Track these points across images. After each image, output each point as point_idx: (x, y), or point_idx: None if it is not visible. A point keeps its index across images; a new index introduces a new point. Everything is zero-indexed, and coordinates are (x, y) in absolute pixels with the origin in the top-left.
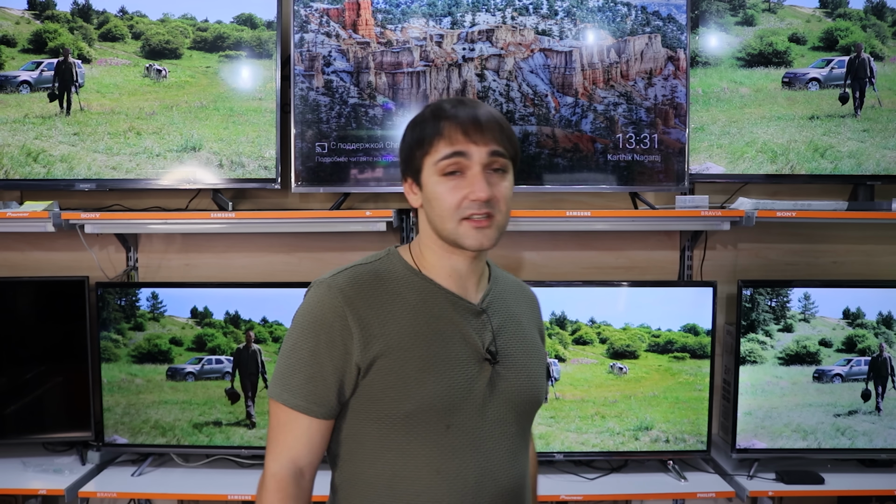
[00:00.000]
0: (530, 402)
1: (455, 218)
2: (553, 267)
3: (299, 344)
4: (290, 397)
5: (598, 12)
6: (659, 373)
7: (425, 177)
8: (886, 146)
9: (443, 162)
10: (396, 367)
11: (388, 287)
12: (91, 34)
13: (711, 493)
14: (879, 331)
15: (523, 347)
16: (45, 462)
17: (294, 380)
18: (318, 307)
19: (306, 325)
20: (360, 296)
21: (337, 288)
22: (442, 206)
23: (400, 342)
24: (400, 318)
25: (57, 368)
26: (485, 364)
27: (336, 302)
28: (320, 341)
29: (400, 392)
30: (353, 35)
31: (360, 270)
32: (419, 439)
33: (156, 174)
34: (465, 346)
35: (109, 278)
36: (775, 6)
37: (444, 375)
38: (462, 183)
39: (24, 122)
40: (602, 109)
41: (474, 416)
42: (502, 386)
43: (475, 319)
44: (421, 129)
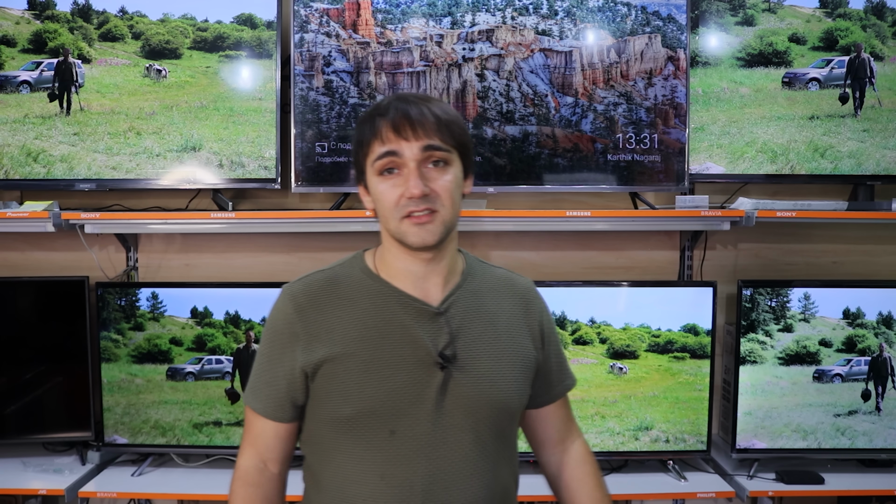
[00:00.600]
0: (493, 409)
1: (396, 216)
2: (553, 267)
3: (261, 350)
4: (252, 401)
5: (598, 12)
6: (659, 373)
7: (368, 178)
8: (886, 146)
9: (378, 162)
10: (340, 371)
11: (340, 292)
12: (91, 34)
13: (711, 493)
14: (879, 331)
15: (492, 350)
16: (45, 462)
17: (255, 384)
18: (273, 314)
19: (265, 333)
20: (311, 302)
21: (290, 295)
22: (383, 205)
23: (345, 346)
24: (347, 323)
25: (57, 368)
26: (435, 368)
27: (287, 309)
28: (274, 348)
29: (342, 396)
30: (353, 35)
31: (316, 277)
32: (363, 444)
33: (156, 174)
34: (414, 350)
35: (109, 278)
36: (775, 6)
37: (387, 379)
38: (399, 181)
39: (24, 122)
40: (602, 109)
41: (424, 422)
42: (457, 392)
43: (430, 322)
44: (360, 131)
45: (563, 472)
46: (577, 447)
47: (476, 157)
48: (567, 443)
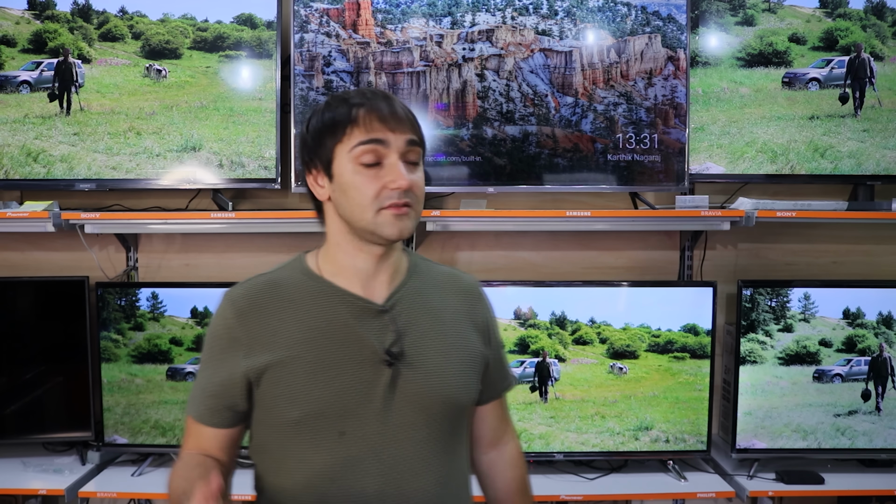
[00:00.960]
0: (444, 404)
1: (374, 208)
2: (553, 267)
3: (203, 356)
4: (193, 410)
5: (598, 12)
6: (659, 373)
7: (338, 166)
8: (886, 146)
9: (358, 149)
10: (286, 374)
11: (281, 295)
12: (91, 34)
13: (711, 493)
14: (879, 331)
15: (440, 346)
16: (45, 462)
17: (194, 391)
18: (214, 321)
19: (206, 339)
20: (252, 307)
21: (230, 300)
22: (360, 195)
23: (289, 350)
24: (290, 326)
25: (57, 368)
26: (383, 366)
27: (227, 314)
28: (213, 354)
29: (289, 399)
30: (353, 35)
31: (256, 281)
32: (313, 447)
33: (156, 174)
34: (360, 349)
35: (109, 278)
36: (775, 6)
37: (334, 380)
38: (380, 172)
39: (24, 122)
40: (602, 109)
41: (374, 421)
42: (407, 388)
43: (375, 320)
44: (331, 117)
45: (492, 473)
46: (511, 449)
47: (476, 157)
48: (500, 444)
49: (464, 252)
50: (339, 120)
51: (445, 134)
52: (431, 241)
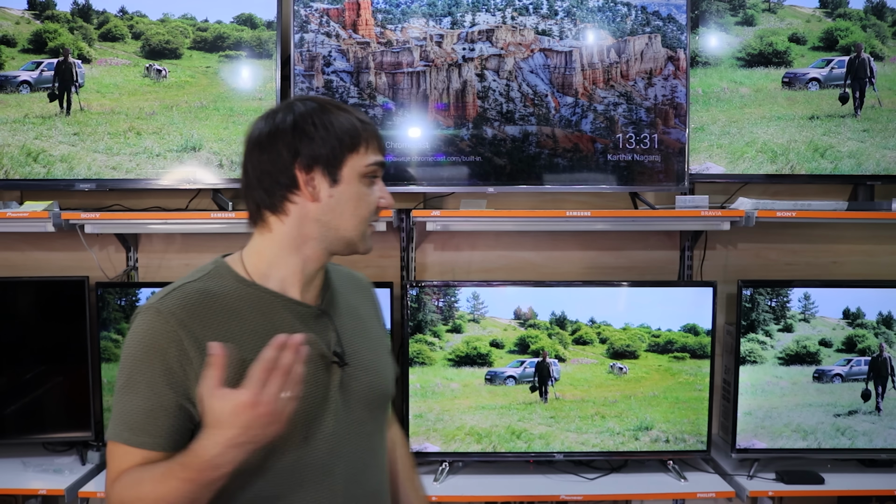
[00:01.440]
0: (382, 396)
1: (367, 222)
2: (553, 267)
3: (134, 377)
4: (132, 436)
5: (598, 12)
6: (659, 373)
7: (346, 175)
8: (886, 146)
9: (371, 167)
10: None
11: (220, 304)
12: (91, 34)
13: (711, 493)
14: (879, 331)
15: (368, 342)
16: (45, 462)
17: (135, 417)
18: (149, 335)
19: (139, 356)
20: (194, 318)
21: (168, 312)
22: (362, 208)
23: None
24: (239, 337)
25: (57, 368)
26: (333, 367)
27: (169, 327)
28: (156, 371)
29: None
30: (353, 35)
31: (188, 290)
32: (277, 456)
33: (156, 174)
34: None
35: (109, 278)
36: (775, 6)
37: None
38: (372, 189)
39: (24, 122)
40: (602, 109)
41: (331, 422)
42: (354, 386)
43: (316, 322)
44: (349, 126)
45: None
46: (396, 430)
47: (476, 157)
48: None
49: (464, 252)
50: (357, 133)
51: (445, 134)
52: (431, 240)
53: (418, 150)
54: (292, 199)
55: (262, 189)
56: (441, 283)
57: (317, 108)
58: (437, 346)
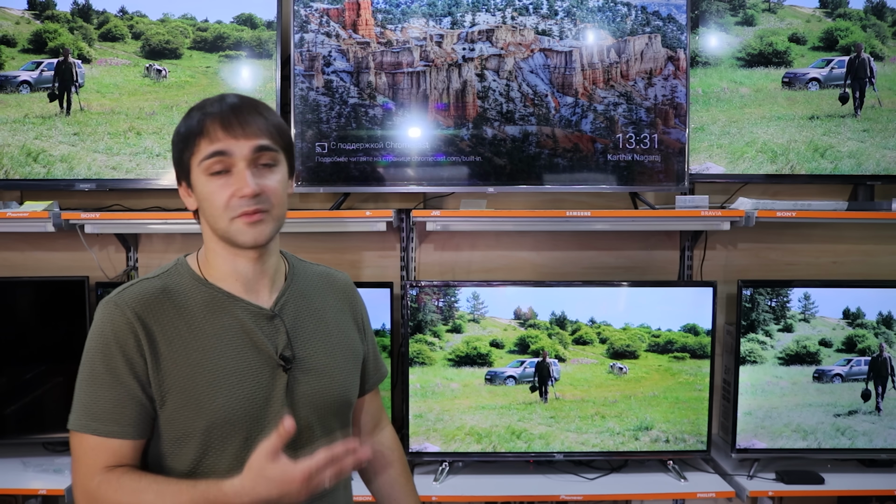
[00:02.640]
0: (336, 403)
1: (226, 217)
2: (553, 267)
3: (97, 368)
4: (100, 426)
5: (598, 12)
6: (659, 373)
7: (194, 177)
8: (886, 146)
9: (206, 162)
10: (188, 385)
11: (174, 301)
12: (91, 34)
13: (711, 493)
14: (879, 331)
15: (326, 346)
16: (45, 462)
17: (100, 406)
18: (109, 327)
19: (100, 348)
20: (149, 312)
21: (125, 305)
22: (212, 205)
23: (188, 359)
24: (186, 335)
25: (57, 368)
26: (279, 371)
27: (127, 318)
28: (118, 361)
29: (193, 410)
30: (353, 35)
31: (147, 286)
32: (216, 455)
33: (156, 174)
34: (256, 355)
35: (109, 278)
36: (775, 6)
37: (235, 388)
38: (230, 180)
39: (24, 122)
40: (602, 109)
41: (275, 424)
42: (301, 391)
43: (267, 324)
44: (186, 130)
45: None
46: (388, 433)
47: (476, 157)
48: (378, 430)
49: (464, 252)
50: (190, 132)
51: (445, 134)
52: (431, 240)
53: (418, 150)
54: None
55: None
56: (441, 283)
57: (179, 125)
58: (437, 346)
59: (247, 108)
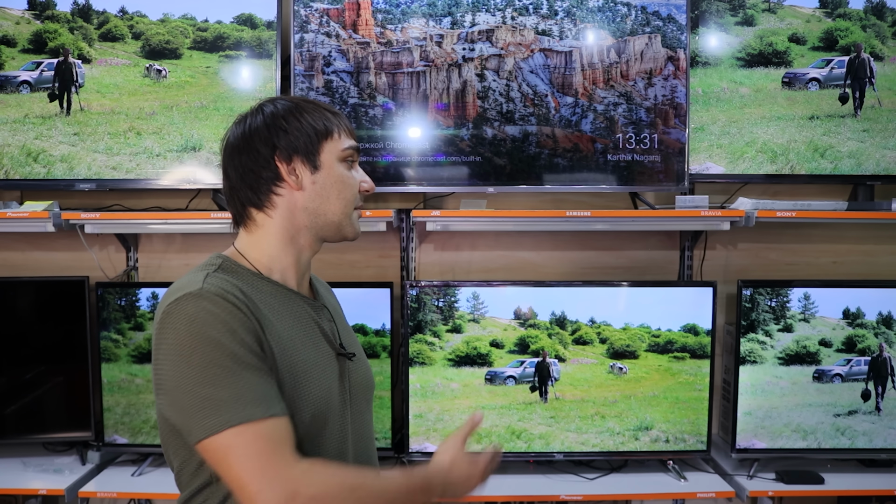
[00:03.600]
0: (372, 387)
1: (353, 204)
2: (553, 267)
3: (218, 361)
4: (265, 409)
5: (598, 12)
6: (659, 373)
7: (325, 160)
8: (886, 146)
9: (349, 151)
10: (288, 377)
11: (249, 295)
12: (91, 34)
13: (711, 493)
14: (879, 331)
15: (350, 335)
16: (45, 462)
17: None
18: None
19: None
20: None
21: (224, 291)
22: (347, 190)
23: (282, 349)
24: (275, 323)
25: (57, 368)
26: (341, 359)
27: (236, 300)
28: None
29: (302, 401)
30: (353, 35)
31: (216, 278)
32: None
33: (156, 174)
34: (326, 345)
35: (109, 278)
36: (775, 6)
37: (321, 379)
38: (356, 175)
39: (24, 122)
40: (602, 109)
41: (343, 411)
42: (354, 378)
43: (322, 316)
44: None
45: None
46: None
47: (476, 157)
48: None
49: (464, 252)
50: (326, 120)
51: (445, 134)
52: (431, 240)
53: (418, 150)
54: (277, 191)
55: (248, 187)
56: (441, 283)
57: (287, 106)
58: (437, 346)
59: None
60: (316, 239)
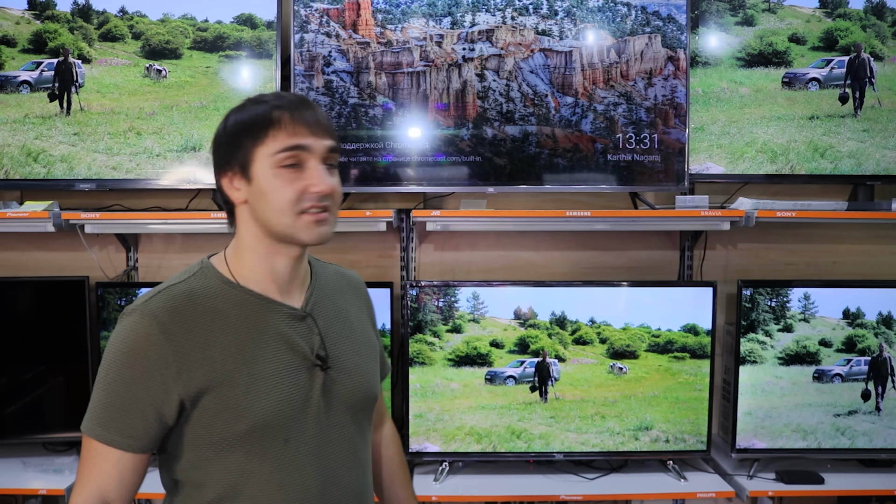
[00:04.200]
0: (366, 400)
1: (293, 211)
2: (553, 267)
3: (112, 375)
4: (102, 432)
5: (598, 12)
6: (659, 373)
7: (257, 169)
8: (886, 146)
9: (281, 154)
10: (226, 390)
11: (204, 306)
12: (91, 34)
13: (711, 493)
14: (879, 331)
15: (353, 345)
16: (45, 462)
17: (107, 413)
18: (131, 336)
19: (120, 357)
20: (177, 321)
21: (150, 315)
22: (279, 199)
23: (224, 365)
24: (222, 340)
25: (57, 368)
26: (316, 370)
27: (150, 331)
28: (135, 373)
29: (233, 415)
30: (353, 35)
31: (173, 292)
32: (258, 457)
33: (156, 174)
34: (293, 356)
35: (109, 278)
36: (775, 6)
37: (274, 390)
38: (302, 175)
39: (24, 122)
40: (602, 109)
41: (312, 425)
42: (337, 390)
43: (300, 325)
44: (252, 119)
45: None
46: (389, 427)
47: (476, 157)
48: (381, 425)
49: (464, 252)
50: (260, 121)
51: (445, 134)
52: (431, 240)
53: (418, 150)
54: (231, 203)
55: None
56: (441, 283)
57: (232, 110)
58: (437, 346)
59: (315, 107)
60: (279, 246)
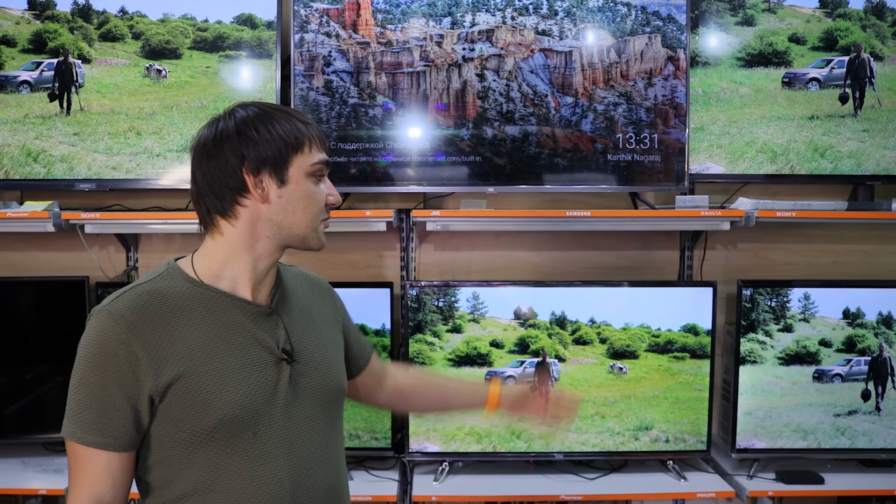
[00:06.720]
0: (334, 392)
1: (319, 219)
2: (553, 267)
3: (86, 378)
4: (84, 434)
5: (598, 12)
6: (659, 373)
7: (293, 174)
8: (886, 146)
9: (318, 165)
10: (193, 385)
11: (170, 304)
12: (91, 34)
13: (711, 493)
14: (879, 331)
15: (318, 340)
16: (45, 462)
17: (86, 415)
18: (100, 337)
19: (91, 358)
20: (144, 320)
21: (118, 315)
22: (313, 206)
23: (192, 360)
24: (188, 336)
25: (57, 368)
26: (283, 364)
27: (118, 329)
28: (107, 373)
29: (200, 409)
30: (353, 35)
31: (139, 292)
32: (227, 451)
33: (156, 174)
34: (260, 350)
35: (109, 278)
36: (775, 6)
37: (242, 384)
38: (322, 188)
39: (24, 122)
40: (602, 109)
41: (281, 418)
42: (304, 383)
43: (266, 320)
44: (291, 128)
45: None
46: (395, 368)
47: (476, 157)
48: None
49: (464, 252)
50: (297, 133)
51: (445, 134)
52: (431, 240)
53: (418, 150)
54: (242, 202)
55: (213, 194)
56: (441, 283)
57: (259, 114)
58: (437, 346)
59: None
60: (277, 248)
